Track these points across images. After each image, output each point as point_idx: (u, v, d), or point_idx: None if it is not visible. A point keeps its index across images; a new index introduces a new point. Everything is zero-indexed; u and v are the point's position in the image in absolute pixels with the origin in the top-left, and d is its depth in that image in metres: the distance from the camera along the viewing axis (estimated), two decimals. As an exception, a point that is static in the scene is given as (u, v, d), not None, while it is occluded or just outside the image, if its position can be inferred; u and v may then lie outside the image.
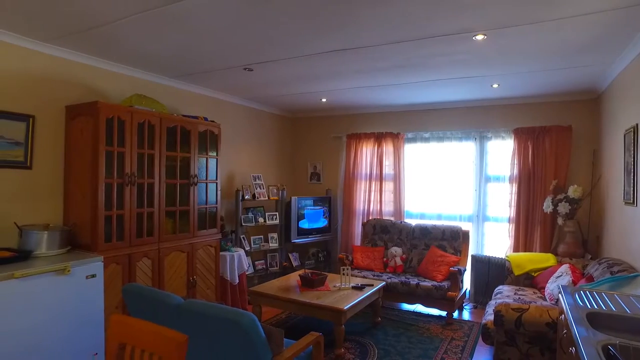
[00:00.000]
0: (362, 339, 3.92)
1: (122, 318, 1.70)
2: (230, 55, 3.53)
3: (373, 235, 5.49)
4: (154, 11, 2.59)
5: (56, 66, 3.38)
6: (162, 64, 3.83)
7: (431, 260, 4.79)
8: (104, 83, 3.75)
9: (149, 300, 2.46)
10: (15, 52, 3.10)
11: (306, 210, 5.78)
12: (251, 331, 2.07)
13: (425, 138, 5.59)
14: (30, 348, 2.58)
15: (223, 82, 4.53)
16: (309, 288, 3.94)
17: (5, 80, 3.05)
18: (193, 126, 4.08)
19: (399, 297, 4.60)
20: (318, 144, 6.46)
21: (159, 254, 3.72)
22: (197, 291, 4.11)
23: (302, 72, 4.03)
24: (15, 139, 3.09)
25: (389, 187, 5.75)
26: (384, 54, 3.41)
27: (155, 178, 3.70)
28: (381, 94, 4.96)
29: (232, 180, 5.34)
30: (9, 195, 3.09)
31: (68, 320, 2.81)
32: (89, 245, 3.24)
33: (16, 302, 2.53)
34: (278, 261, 5.68)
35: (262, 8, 2.53)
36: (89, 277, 2.96)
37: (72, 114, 3.40)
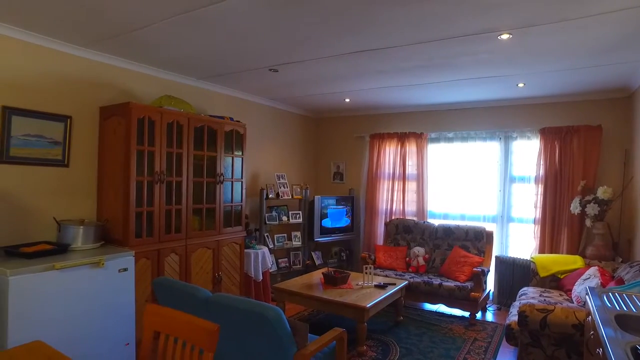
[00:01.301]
0: (384, 337, 3.94)
1: (156, 308, 1.78)
2: (257, 57, 3.61)
3: (396, 234, 5.50)
4: (184, 15, 2.68)
5: (91, 69, 3.53)
6: (191, 66, 3.95)
7: (454, 260, 4.77)
8: (136, 84, 3.90)
9: (179, 293, 2.56)
10: (55, 56, 3.27)
11: (329, 210, 5.83)
12: (277, 324, 2.13)
13: (448, 138, 5.56)
14: (69, 335, 2.71)
15: (248, 83, 4.63)
16: (332, 286, 3.99)
17: (46, 83, 3.22)
18: (219, 126, 4.18)
19: (422, 296, 4.59)
20: (341, 143, 6.51)
21: (186, 250, 3.84)
22: (222, 287, 4.22)
23: (326, 73, 4.08)
24: (55, 139, 3.25)
25: (412, 187, 5.74)
26: (407, 55, 3.43)
27: (183, 176, 3.81)
28: (404, 94, 4.96)
29: (256, 179, 5.44)
30: (49, 191, 3.25)
31: (102, 311, 2.94)
32: (120, 240, 3.37)
33: (56, 292, 2.67)
34: (301, 259, 5.75)
35: (291, 11, 2.59)
36: (121, 271, 3.08)
37: (105, 115, 3.55)
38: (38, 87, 3.17)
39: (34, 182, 3.16)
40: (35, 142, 3.13)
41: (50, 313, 2.63)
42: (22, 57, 3.08)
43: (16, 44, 3.04)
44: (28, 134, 3.08)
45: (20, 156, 3.05)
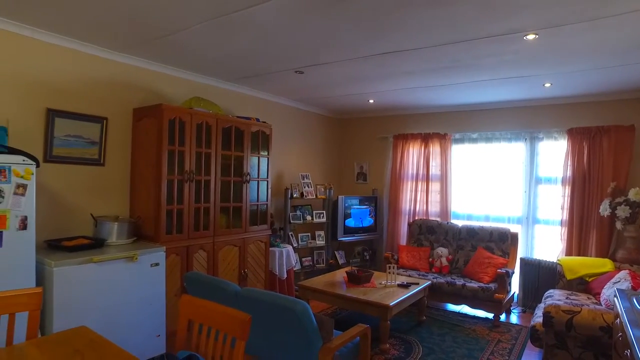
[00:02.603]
0: (407, 336, 3.96)
1: (191, 298, 1.88)
2: (283, 60, 3.69)
3: (419, 235, 5.50)
4: (213, 21, 2.79)
5: (126, 72, 3.69)
6: (219, 69, 4.07)
7: (478, 261, 4.74)
8: (167, 87, 4.04)
9: (209, 286, 2.66)
10: (93, 61, 3.44)
11: (352, 209, 5.88)
12: (304, 318, 2.20)
13: (473, 139, 5.52)
14: (105, 324, 2.84)
15: (275, 85, 4.73)
16: (355, 284, 4.03)
17: (85, 86, 3.39)
18: (246, 127, 4.29)
19: (445, 297, 4.59)
20: (365, 144, 6.55)
21: (213, 247, 3.95)
22: (248, 284, 4.32)
23: (351, 74, 4.14)
24: (92, 139, 3.43)
25: (436, 187, 5.73)
26: (433, 56, 3.45)
27: (212, 175, 3.93)
28: (428, 95, 4.97)
29: (281, 178, 5.54)
30: (86, 189, 3.43)
31: (135, 303, 3.08)
32: (152, 236, 3.51)
33: (93, 283, 2.82)
34: (324, 258, 5.82)
35: (318, 15, 2.66)
36: (153, 266, 3.22)
37: (138, 116, 3.70)
38: (78, 90, 3.34)
39: (73, 180, 3.34)
40: (74, 142, 3.31)
41: (88, 302, 2.79)
42: (64, 62, 3.25)
43: (59, 50, 3.22)
44: (68, 135, 3.26)
45: (62, 155, 3.23)
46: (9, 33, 2.94)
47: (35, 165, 2.59)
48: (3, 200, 2.46)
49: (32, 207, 2.58)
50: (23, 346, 1.74)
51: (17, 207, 2.51)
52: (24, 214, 2.54)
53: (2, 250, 2.46)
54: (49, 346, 1.72)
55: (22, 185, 2.53)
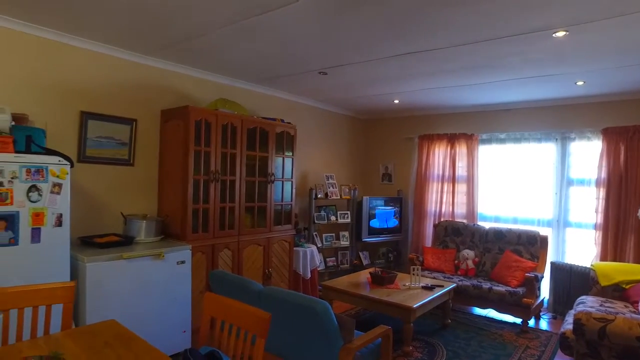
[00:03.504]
0: (431, 339, 3.91)
1: (214, 296, 1.92)
2: (307, 61, 3.72)
3: (444, 237, 5.41)
4: (238, 24, 2.84)
5: (154, 75, 3.80)
6: (244, 70, 4.13)
7: (505, 264, 4.63)
8: (193, 89, 4.14)
9: (233, 285, 2.71)
10: (123, 64, 3.57)
11: (377, 210, 5.85)
12: (325, 317, 2.21)
13: (500, 139, 5.40)
14: (133, 318, 2.95)
15: (299, 86, 4.76)
16: (378, 285, 4.01)
17: (116, 89, 3.52)
18: (271, 127, 4.34)
19: (470, 300, 4.50)
20: (390, 145, 6.50)
21: (238, 246, 4.02)
22: (272, 283, 4.37)
23: (375, 75, 4.12)
24: (122, 140, 3.55)
25: (462, 188, 5.63)
26: (457, 56, 3.39)
27: (237, 176, 4.00)
28: (454, 95, 4.89)
29: (305, 179, 5.57)
30: (117, 188, 3.56)
31: (162, 299, 3.17)
32: (178, 235, 3.60)
33: (123, 279, 2.93)
34: (348, 259, 5.81)
35: (340, 17, 2.67)
36: (179, 263, 3.31)
37: (166, 117, 3.81)
38: (109, 93, 3.48)
39: (105, 180, 3.47)
40: (106, 143, 3.44)
41: (117, 297, 2.90)
42: (97, 67, 3.39)
43: (93, 55, 3.36)
44: (100, 136, 3.40)
45: (94, 156, 3.37)
46: (47, 40, 3.10)
47: (69, 166, 2.71)
48: (41, 198, 2.59)
49: (67, 205, 2.70)
50: (59, 336, 1.83)
51: (53, 205, 2.64)
52: (60, 211, 2.67)
53: (40, 246, 2.59)
54: (81, 337, 1.80)
55: (57, 184, 2.65)
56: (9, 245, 2.47)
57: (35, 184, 2.55)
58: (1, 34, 2.89)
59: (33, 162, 2.55)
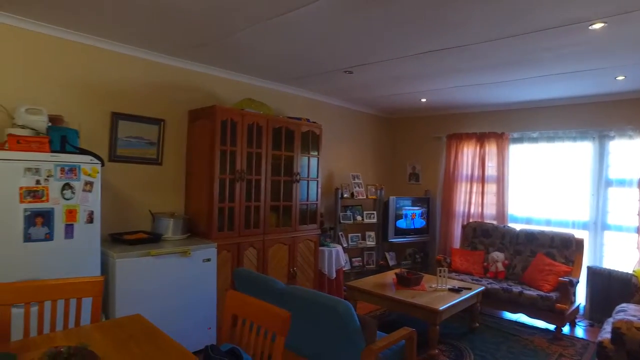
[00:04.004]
0: (458, 342, 3.81)
1: (236, 294, 1.94)
2: (332, 60, 3.70)
3: (473, 238, 5.28)
4: (262, 24, 2.86)
5: (182, 76, 3.88)
6: (270, 70, 4.16)
7: (537, 268, 4.46)
8: (220, 89, 4.20)
9: (256, 283, 2.73)
10: (151, 66, 3.66)
11: (404, 210, 5.77)
12: (346, 318, 2.19)
13: (533, 138, 5.21)
14: (160, 314, 3.01)
15: (324, 85, 4.75)
16: (404, 287, 3.95)
17: (145, 90, 3.62)
18: (296, 127, 4.35)
19: (500, 304, 4.36)
20: (417, 144, 6.40)
21: (263, 244, 4.05)
22: (297, 282, 4.37)
23: (402, 73, 4.06)
24: (151, 140, 3.65)
25: (492, 189, 5.47)
26: (486, 52, 3.29)
27: (262, 175, 4.03)
28: (484, 92, 4.75)
29: (331, 178, 5.56)
30: (145, 186, 3.65)
31: (188, 296, 3.23)
32: (204, 233, 3.66)
33: (151, 275, 3.01)
34: (374, 259, 5.76)
35: (365, 14, 2.64)
36: (205, 261, 3.36)
37: (193, 117, 3.88)
38: (139, 94, 3.58)
39: (134, 178, 3.58)
40: (135, 143, 3.54)
41: (144, 292, 2.98)
42: (127, 68, 3.50)
43: (123, 58, 3.47)
44: (130, 136, 3.50)
45: (124, 155, 3.48)
46: (81, 45, 3.22)
47: (100, 165, 2.80)
48: (74, 196, 2.69)
49: (98, 203, 2.79)
50: (88, 328, 1.89)
51: (85, 203, 2.74)
52: (91, 208, 2.76)
53: (72, 241, 2.69)
54: (108, 330, 1.86)
55: (89, 183, 2.75)
56: (45, 240, 2.58)
57: (68, 182, 2.66)
58: (39, 40, 3.02)
59: (67, 161, 2.65)
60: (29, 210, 2.52)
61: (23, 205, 2.50)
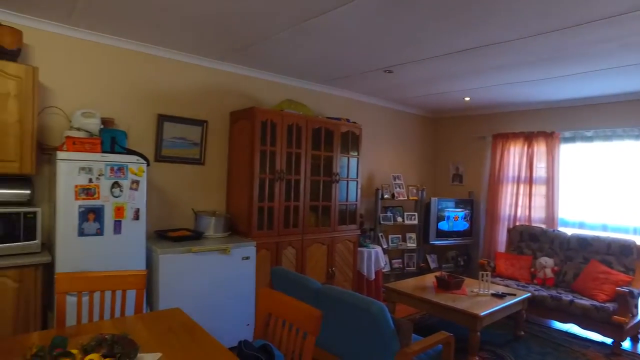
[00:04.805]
0: (501, 350, 3.66)
1: (269, 291, 1.97)
2: (371, 59, 3.68)
3: (519, 242, 5.05)
4: (299, 26, 2.89)
5: (223, 79, 4.00)
6: (308, 71, 4.20)
7: (591, 276, 4.19)
8: (260, 91, 4.29)
9: (292, 282, 2.76)
10: (195, 70, 3.80)
11: (446, 212, 5.63)
12: (380, 319, 2.16)
13: (587, 137, 4.90)
14: (200, 309, 3.14)
15: (363, 85, 4.73)
16: (444, 290, 3.85)
17: (189, 93, 3.77)
18: (336, 127, 4.36)
19: (548, 312, 4.13)
20: (460, 144, 6.22)
21: (302, 244, 4.08)
22: (335, 282, 4.38)
23: (443, 72, 3.96)
24: (194, 140, 3.79)
25: (540, 191, 5.21)
26: (532, 47, 3.14)
27: (301, 175, 4.07)
28: (532, 89, 4.53)
29: (371, 179, 5.52)
30: (188, 186, 3.80)
31: (227, 292, 3.32)
32: (244, 231, 3.75)
33: (192, 271, 3.13)
34: (415, 261, 5.65)
35: (402, 12, 2.60)
36: (244, 259, 3.45)
37: (234, 119, 3.99)
38: (183, 96, 3.73)
39: (178, 178, 3.73)
40: (179, 144, 3.69)
41: (186, 287, 3.10)
42: (172, 72, 3.66)
43: (168, 62, 3.63)
44: (175, 137, 3.66)
45: (169, 155, 3.64)
46: (130, 51, 3.41)
47: (146, 164, 2.95)
48: (122, 194, 2.85)
49: (144, 201, 2.94)
50: (131, 318, 2.00)
51: (132, 200, 2.89)
52: (137, 206, 2.91)
53: (120, 236, 2.85)
54: (149, 321, 1.96)
55: (136, 181, 2.90)
56: (96, 235, 2.75)
57: (117, 180, 2.82)
58: (95, 49, 3.23)
59: (116, 161, 2.82)
60: (82, 206, 2.70)
61: (78, 202, 2.68)
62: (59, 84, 3.09)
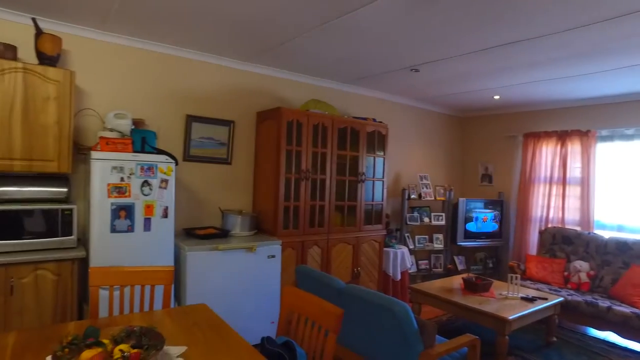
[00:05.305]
0: (530, 356, 3.55)
1: (292, 289, 1.99)
2: (397, 58, 3.65)
3: (552, 245, 4.88)
4: (324, 26, 2.90)
5: (250, 79, 4.07)
6: (334, 71, 4.20)
7: (631, 282, 4.00)
8: (286, 91, 4.33)
9: (316, 281, 2.78)
10: (222, 71, 3.88)
11: (475, 213, 5.51)
12: (403, 319, 2.15)
13: (627, 135, 4.68)
14: (226, 306, 3.21)
15: (390, 84, 4.69)
16: (471, 292, 3.77)
17: (216, 94, 3.85)
18: (362, 127, 4.35)
19: (582, 318, 3.98)
20: (490, 144, 6.07)
21: (327, 243, 4.10)
22: (360, 282, 4.36)
23: (471, 69, 3.88)
24: (221, 140, 3.87)
25: (574, 192, 5.01)
26: (566, 42, 3.02)
27: (327, 174, 4.08)
28: (565, 86, 4.37)
29: (398, 179, 5.47)
30: (216, 185, 3.88)
31: (252, 290, 3.37)
32: (270, 230, 3.79)
33: (218, 268, 3.19)
34: (442, 262, 5.56)
35: (432, 8, 2.56)
36: (269, 257, 3.49)
37: (260, 119, 4.05)
38: (210, 97, 3.81)
39: (205, 177, 3.82)
40: (207, 144, 3.78)
41: (213, 284, 3.17)
42: (200, 73, 3.75)
43: (197, 64, 3.72)
44: (202, 137, 3.74)
45: (197, 155, 3.73)
46: (163, 55, 3.52)
47: (174, 164, 3.03)
48: (151, 192, 2.94)
49: (172, 199, 3.03)
50: (159, 313, 2.07)
51: (161, 199, 2.98)
52: (166, 204, 3.00)
53: (150, 234, 2.94)
54: (176, 315, 2.01)
55: (165, 180, 2.98)
56: (127, 232, 2.85)
57: (147, 179, 2.91)
58: (127, 52, 3.35)
59: (146, 160, 2.91)
60: (115, 204, 2.80)
61: (110, 200, 2.79)
62: (93, 86, 3.23)
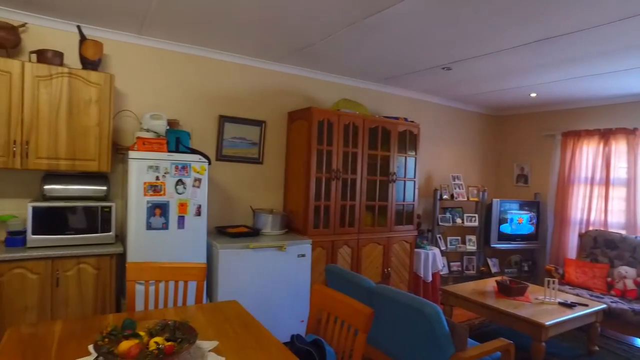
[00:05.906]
0: (571, 364, 3.41)
1: (321, 287, 2.00)
2: (428, 57, 3.59)
3: (593, 249, 4.66)
4: (353, 26, 2.89)
5: (281, 80, 4.10)
6: (365, 71, 4.18)
7: (679, 288, 3.78)
8: (317, 91, 4.35)
9: (346, 280, 2.77)
10: (254, 72, 3.94)
11: (509, 214, 5.34)
12: (434, 321, 2.11)
13: (676, 134, 4.42)
14: (256, 303, 3.25)
15: (421, 83, 4.62)
16: (505, 296, 3.66)
17: (248, 94, 3.91)
18: (393, 126, 4.30)
19: (628, 328, 3.78)
20: (526, 143, 5.87)
21: (358, 243, 4.08)
22: (391, 283, 4.32)
23: (505, 66, 3.76)
24: (253, 140, 3.93)
25: (619, 193, 4.77)
26: (605, 36, 2.88)
27: (358, 174, 4.07)
28: (608, 82, 4.16)
29: (430, 179, 5.38)
30: (247, 184, 3.94)
31: (282, 289, 3.40)
32: (300, 229, 3.82)
33: (249, 266, 3.24)
34: (475, 265, 5.43)
35: (466, 4, 2.51)
36: (299, 256, 3.51)
37: (292, 119, 4.08)
38: (243, 98, 3.88)
39: (237, 176, 3.88)
40: (239, 144, 3.85)
41: (244, 281, 3.22)
42: (233, 75, 3.82)
43: (230, 66, 3.80)
44: (235, 137, 3.81)
45: (229, 155, 3.80)
46: (196, 57, 3.61)
47: (207, 163, 3.10)
48: (185, 191, 3.02)
49: (205, 198, 3.10)
50: (192, 308, 2.12)
51: (195, 197, 3.05)
52: (199, 203, 3.07)
53: (183, 231, 3.02)
54: (207, 311, 2.06)
55: (198, 179, 3.06)
56: (162, 229, 2.94)
57: (181, 178, 2.99)
58: (163, 55, 3.46)
59: (180, 159, 2.99)
60: (150, 202, 2.90)
61: (146, 198, 2.89)
62: (130, 88, 3.35)
